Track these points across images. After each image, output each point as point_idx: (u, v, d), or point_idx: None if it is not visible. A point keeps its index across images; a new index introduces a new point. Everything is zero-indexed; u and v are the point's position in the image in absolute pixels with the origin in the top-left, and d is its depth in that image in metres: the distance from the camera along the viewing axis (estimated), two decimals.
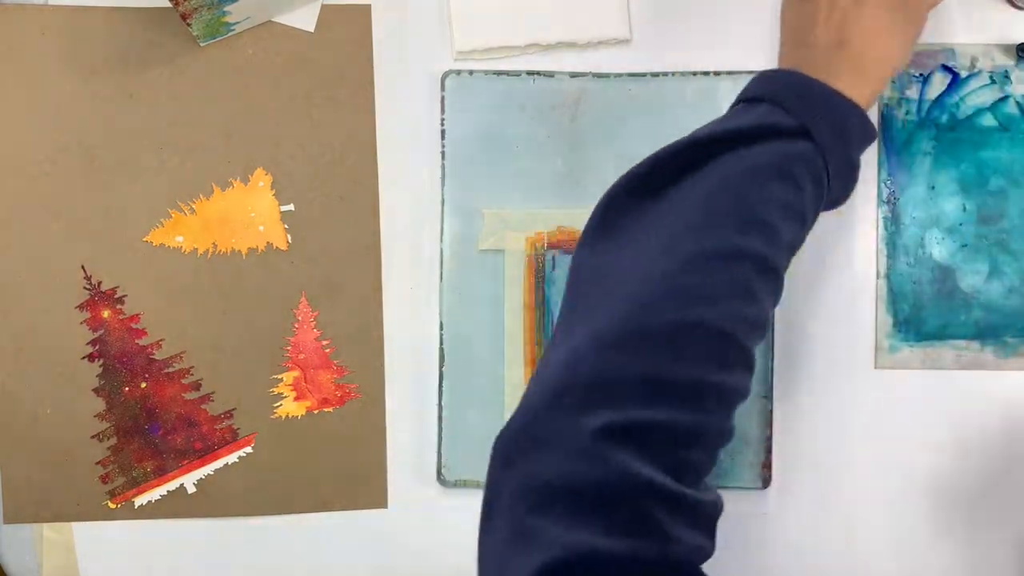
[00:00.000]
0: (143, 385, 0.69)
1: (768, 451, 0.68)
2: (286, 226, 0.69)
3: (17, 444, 0.69)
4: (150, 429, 0.69)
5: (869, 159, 0.68)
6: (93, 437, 0.69)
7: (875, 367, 0.69)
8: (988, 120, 0.68)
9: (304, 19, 0.68)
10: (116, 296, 0.69)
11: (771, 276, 0.51)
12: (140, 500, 0.69)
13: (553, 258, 0.68)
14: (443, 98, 0.68)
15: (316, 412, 0.69)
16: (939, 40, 0.68)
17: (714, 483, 0.68)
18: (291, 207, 0.69)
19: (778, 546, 0.69)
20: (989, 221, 0.68)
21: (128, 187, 0.68)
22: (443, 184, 0.68)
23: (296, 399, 0.69)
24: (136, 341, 0.69)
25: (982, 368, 0.68)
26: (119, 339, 0.69)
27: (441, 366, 0.68)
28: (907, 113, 0.68)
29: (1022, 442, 0.69)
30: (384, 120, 0.69)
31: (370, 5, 0.69)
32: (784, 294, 0.68)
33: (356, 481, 0.69)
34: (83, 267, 0.69)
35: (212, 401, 0.69)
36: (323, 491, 0.69)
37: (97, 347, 0.69)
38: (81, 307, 0.69)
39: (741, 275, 0.49)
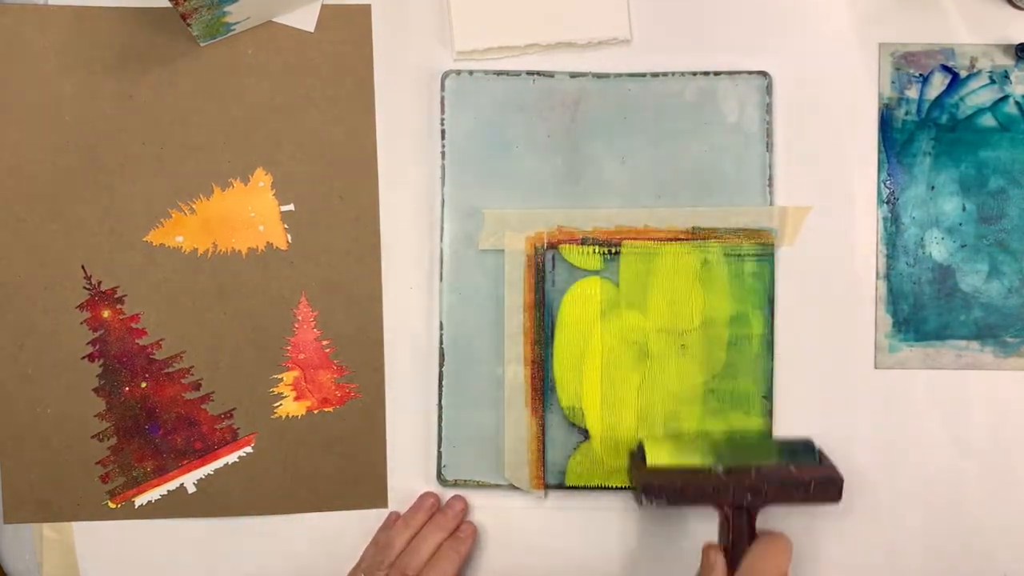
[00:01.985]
0: (143, 385, 0.69)
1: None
2: (286, 226, 0.69)
3: (17, 444, 0.69)
4: (150, 429, 0.69)
5: (869, 159, 0.69)
6: (93, 437, 0.69)
7: (875, 367, 0.69)
8: (988, 120, 0.68)
9: (304, 19, 0.68)
10: (116, 296, 0.69)
11: None
12: (140, 500, 0.69)
13: (553, 258, 0.68)
14: (443, 98, 0.68)
15: (316, 412, 0.69)
16: (939, 40, 0.68)
17: None
18: (291, 207, 0.69)
19: None
20: (989, 221, 0.68)
21: (128, 187, 0.68)
22: (443, 184, 0.68)
23: (296, 399, 0.69)
24: (136, 341, 0.69)
25: (982, 368, 0.69)
26: (119, 339, 0.69)
27: (441, 366, 0.68)
28: (907, 113, 0.68)
29: (1021, 442, 0.69)
30: (384, 120, 0.69)
31: (370, 5, 0.69)
32: (784, 294, 0.69)
33: (356, 481, 0.69)
34: (83, 267, 0.69)
35: (212, 401, 0.69)
36: (323, 491, 0.69)
37: (97, 347, 0.69)
38: (81, 307, 0.69)
39: None
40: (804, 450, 0.65)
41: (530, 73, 0.68)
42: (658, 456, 0.64)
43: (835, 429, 0.69)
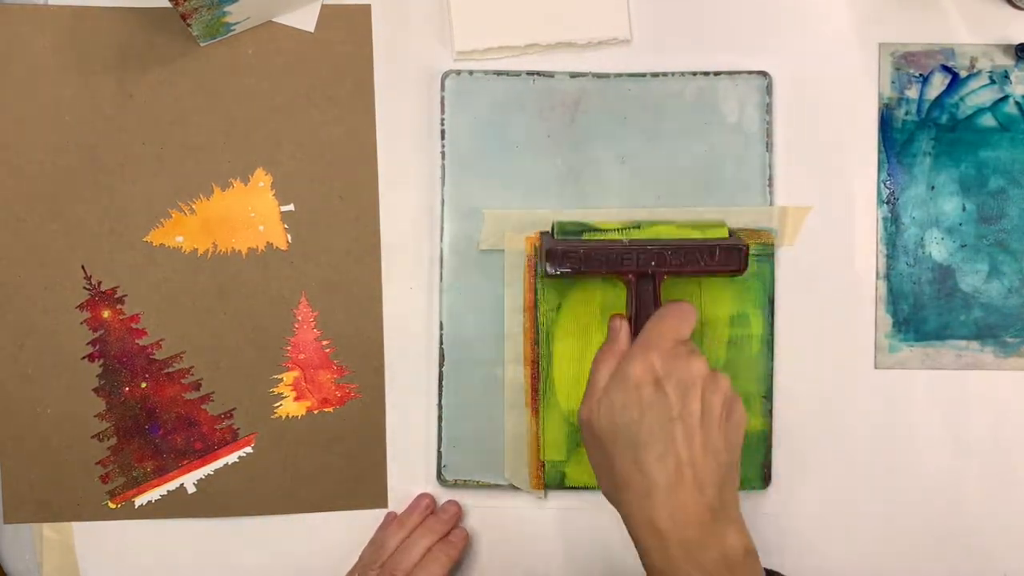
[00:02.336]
0: (143, 385, 0.69)
1: (768, 451, 0.68)
2: (286, 226, 0.69)
3: (17, 444, 0.69)
4: (150, 429, 0.69)
5: (869, 159, 0.69)
6: (93, 437, 0.69)
7: (875, 367, 0.69)
8: (988, 120, 0.68)
9: (304, 19, 0.68)
10: (116, 296, 0.69)
11: None
12: (140, 500, 0.69)
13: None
14: (443, 98, 0.68)
15: (316, 412, 0.69)
16: (939, 40, 0.69)
17: None
18: (291, 207, 0.69)
19: (778, 546, 0.69)
20: (989, 221, 0.68)
21: (128, 187, 0.68)
22: (443, 184, 0.68)
23: (296, 399, 0.69)
24: (136, 341, 0.69)
25: (982, 368, 0.69)
26: (119, 339, 0.69)
27: (441, 366, 0.68)
28: (907, 113, 0.68)
29: (1021, 442, 0.69)
30: (384, 120, 0.69)
31: (370, 5, 0.69)
32: (784, 294, 0.69)
33: (356, 481, 0.69)
34: (83, 267, 0.69)
35: (212, 401, 0.69)
36: (323, 491, 0.69)
37: (97, 347, 0.69)
38: (81, 307, 0.69)
39: None
40: (715, 226, 0.65)
41: (530, 73, 0.68)
42: (565, 231, 0.64)
43: (835, 429, 0.69)
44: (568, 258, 0.62)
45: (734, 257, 0.62)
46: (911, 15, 0.69)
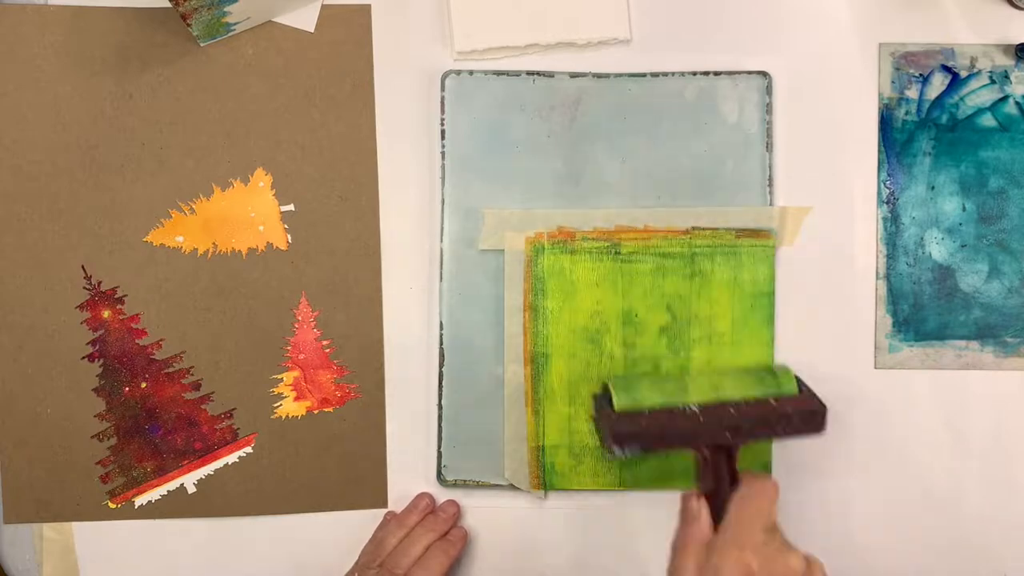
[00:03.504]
0: (143, 385, 0.69)
1: (768, 451, 0.68)
2: (286, 226, 0.69)
3: (17, 444, 0.69)
4: (150, 429, 0.69)
5: (869, 159, 0.69)
6: (93, 437, 0.69)
7: (875, 367, 0.69)
8: (988, 120, 0.68)
9: (304, 19, 0.68)
10: (116, 296, 0.69)
11: None
12: (140, 500, 0.69)
13: (553, 258, 0.68)
14: (443, 98, 0.68)
15: (316, 412, 0.69)
16: (939, 40, 0.69)
17: None
18: (291, 207, 0.69)
19: None
20: (989, 221, 0.68)
21: (128, 187, 0.68)
22: (443, 184, 0.68)
23: (296, 399, 0.69)
24: (136, 341, 0.69)
25: (982, 368, 0.69)
26: (119, 339, 0.69)
27: (441, 366, 0.68)
28: (907, 113, 0.68)
29: (1021, 442, 0.69)
30: (384, 120, 0.69)
31: (370, 5, 0.69)
32: (784, 295, 0.69)
33: (356, 481, 0.69)
34: (83, 267, 0.69)
35: (212, 401, 0.69)
36: (323, 491, 0.69)
37: (97, 347, 0.69)
38: (81, 307, 0.69)
39: None
40: (783, 379, 0.60)
41: (530, 73, 0.68)
42: (626, 399, 0.59)
43: (835, 429, 0.69)
44: (638, 438, 0.57)
45: (814, 422, 0.58)
46: (911, 15, 0.69)
